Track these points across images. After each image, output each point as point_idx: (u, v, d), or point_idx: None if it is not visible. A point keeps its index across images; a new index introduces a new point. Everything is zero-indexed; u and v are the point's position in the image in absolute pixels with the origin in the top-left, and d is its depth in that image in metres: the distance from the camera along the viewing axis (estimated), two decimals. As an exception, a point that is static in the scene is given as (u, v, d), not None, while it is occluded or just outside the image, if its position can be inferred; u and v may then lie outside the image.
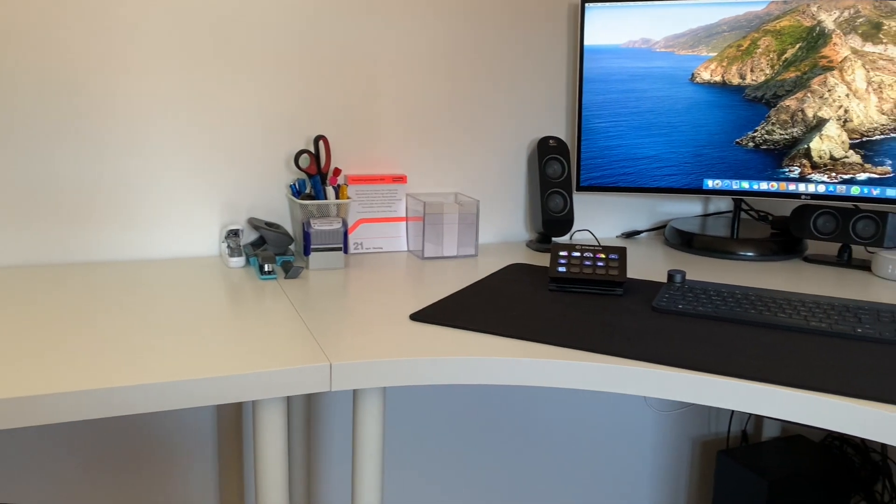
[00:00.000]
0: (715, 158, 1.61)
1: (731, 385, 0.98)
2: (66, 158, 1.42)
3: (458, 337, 1.11)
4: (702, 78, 1.59)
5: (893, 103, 1.46)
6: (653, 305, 1.25)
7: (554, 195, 1.67)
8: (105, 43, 1.40)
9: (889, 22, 1.44)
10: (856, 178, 1.52)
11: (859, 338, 1.12)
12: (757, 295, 1.27)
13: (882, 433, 0.91)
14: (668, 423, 1.97)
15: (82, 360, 0.98)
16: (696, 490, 2.05)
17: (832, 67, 1.49)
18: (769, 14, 1.52)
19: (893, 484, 1.76)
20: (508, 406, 1.82)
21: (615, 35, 1.61)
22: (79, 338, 1.06)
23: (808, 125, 1.53)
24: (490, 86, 1.68)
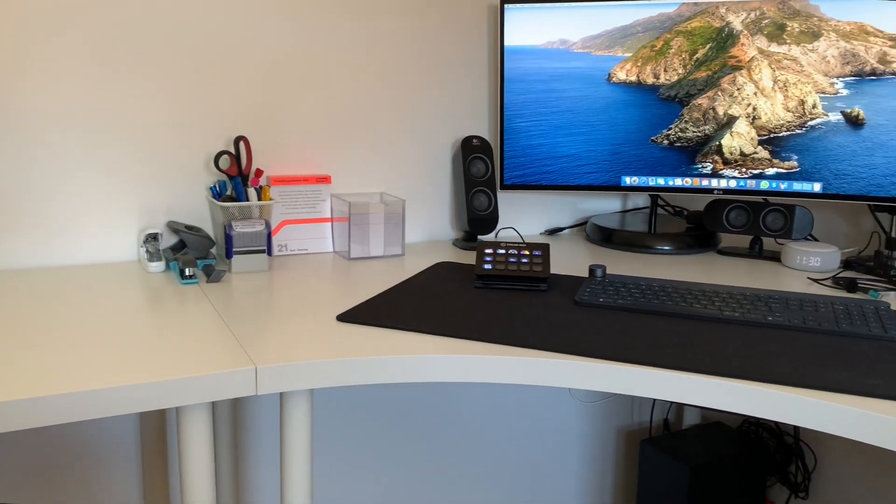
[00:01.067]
0: (632, 156, 1.66)
1: (651, 374, 1.01)
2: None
3: (386, 336, 1.11)
4: (618, 78, 1.64)
5: (798, 101, 1.54)
6: (575, 300, 1.28)
7: (478, 194, 1.69)
8: (6, 45, 1.35)
9: (792, 23, 1.51)
10: (765, 173, 1.59)
11: (770, 325, 1.17)
12: (674, 287, 1.31)
13: (793, 416, 0.95)
14: (592, 413, 2.02)
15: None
16: (621, 478, 2.10)
17: (740, 67, 1.56)
18: (681, 15, 1.58)
19: (805, 465, 1.85)
20: (436, 403, 1.83)
21: (534, 36, 1.64)
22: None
23: (719, 123, 1.59)
24: (414, 85, 1.69)
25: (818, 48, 1.50)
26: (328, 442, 1.74)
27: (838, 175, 1.53)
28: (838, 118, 1.51)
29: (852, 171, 1.52)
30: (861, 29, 1.46)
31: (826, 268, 1.51)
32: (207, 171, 1.53)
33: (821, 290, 1.39)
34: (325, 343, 1.08)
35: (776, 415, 0.96)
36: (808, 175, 1.55)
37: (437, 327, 1.15)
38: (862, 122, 1.50)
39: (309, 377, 1.02)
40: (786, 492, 1.90)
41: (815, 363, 1.02)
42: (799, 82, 1.53)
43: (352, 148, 1.66)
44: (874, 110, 1.48)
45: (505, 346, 1.09)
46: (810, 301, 1.25)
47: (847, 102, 1.50)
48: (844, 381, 0.97)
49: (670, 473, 1.80)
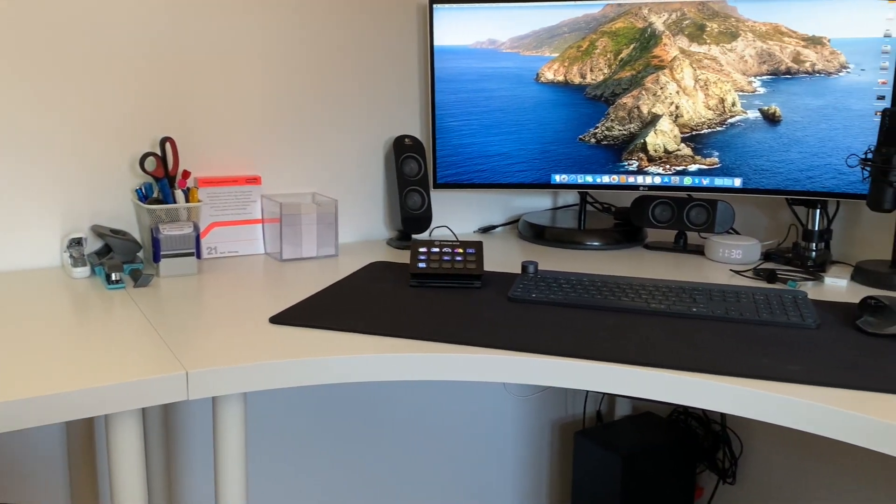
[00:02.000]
0: (561, 154, 1.69)
1: (583, 367, 1.04)
2: None
3: (320, 337, 1.11)
4: (546, 78, 1.66)
5: (718, 99, 1.59)
6: (509, 296, 1.29)
7: (412, 193, 1.69)
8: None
9: (711, 24, 1.56)
10: (688, 170, 1.64)
11: (694, 316, 1.21)
12: (603, 281, 1.35)
13: (719, 403, 0.99)
14: (527, 407, 2.05)
15: None
16: (556, 470, 2.14)
17: (663, 66, 1.60)
18: (605, 16, 1.61)
19: (732, 451, 1.92)
20: (372, 402, 1.83)
21: (463, 36, 1.65)
22: None
23: (644, 121, 1.64)
24: (344, 84, 1.68)
25: (736, 48, 1.56)
26: (263, 444, 1.72)
27: (757, 170, 1.59)
28: (756, 115, 1.57)
29: (770, 166, 1.58)
30: (776, 29, 1.53)
31: (747, 260, 1.57)
32: (133, 173, 1.50)
33: (742, 281, 1.44)
34: (258, 346, 1.07)
35: (703, 403, 0.99)
36: (729, 171, 1.61)
37: (371, 327, 1.15)
38: (778, 119, 1.56)
39: (241, 380, 1.01)
40: (714, 478, 1.97)
41: (738, 352, 1.06)
42: (719, 81, 1.58)
43: (282, 148, 1.64)
44: (790, 108, 1.55)
45: (440, 343, 1.09)
46: (732, 292, 1.29)
47: (764, 100, 1.56)
48: (766, 367, 1.01)
49: (604, 464, 1.84)
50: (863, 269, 1.44)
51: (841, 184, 1.53)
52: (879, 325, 1.14)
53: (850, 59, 1.48)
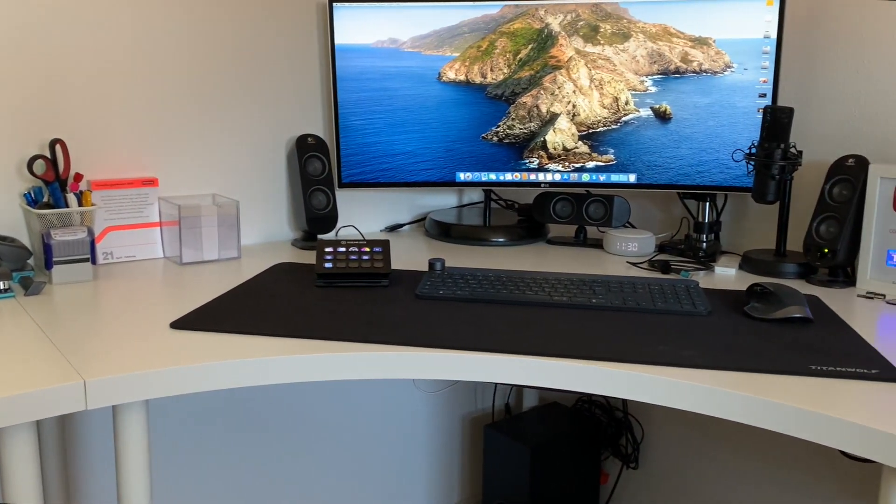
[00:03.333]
0: (465, 153, 1.72)
1: (491, 360, 1.06)
2: None
3: (224, 341, 1.09)
4: (448, 77, 1.68)
5: (612, 98, 1.65)
6: (416, 293, 1.30)
7: (316, 193, 1.68)
8: None
9: (604, 25, 1.62)
10: (586, 167, 1.69)
11: (595, 307, 1.25)
12: (508, 276, 1.37)
13: (620, 390, 1.02)
14: (437, 403, 2.07)
15: None
16: (467, 463, 2.17)
17: (560, 66, 1.65)
18: (503, 17, 1.65)
19: (634, 437, 1.99)
20: (281, 405, 1.81)
21: (364, 35, 1.65)
22: None
23: (543, 120, 1.68)
24: (243, 84, 1.65)
25: (628, 48, 1.62)
26: (169, 452, 1.67)
27: (650, 166, 1.66)
28: (648, 113, 1.64)
29: (662, 162, 1.65)
30: (665, 30, 1.59)
31: (643, 252, 1.64)
32: (21, 177, 1.43)
33: (639, 272, 1.50)
34: (159, 352, 1.04)
35: (604, 390, 1.03)
36: (624, 167, 1.67)
37: (278, 328, 1.13)
38: (669, 117, 1.63)
39: (142, 388, 0.98)
40: (618, 463, 2.04)
41: (637, 340, 1.11)
42: (613, 80, 1.64)
43: (179, 148, 1.60)
44: (679, 105, 1.62)
45: (349, 342, 1.09)
46: (629, 283, 1.35)
47: (656, 99, 1.63)
48: (662, 354, 1.06)
49: (513, 455, 1.88)
50: (750, 258, 1.52)
51: (728, 178, 1.61)
52: (765, 310, 1.21)
53: (734, 59, 1.57)
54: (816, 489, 1.63)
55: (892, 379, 0.97)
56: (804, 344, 1.09)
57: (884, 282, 1.37)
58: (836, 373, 0.99)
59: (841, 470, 1.58)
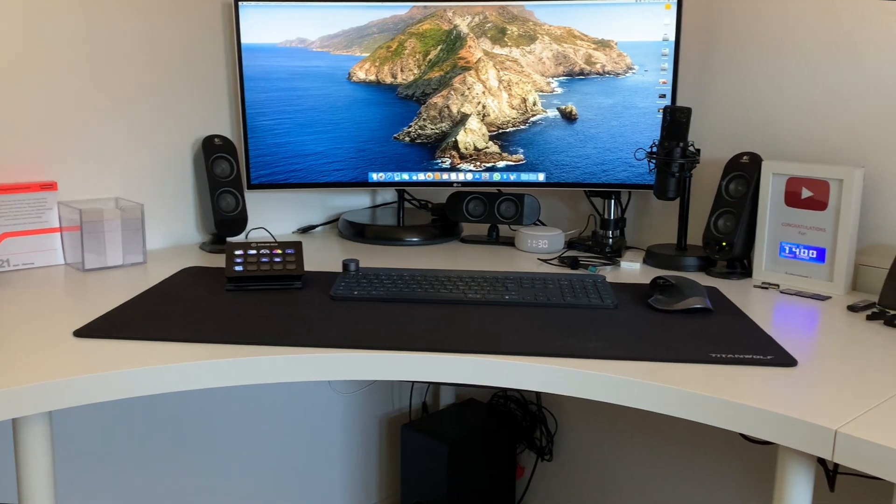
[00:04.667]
0: (377, 153, 1.72)
1: (406, 358, 1.06)
2: None
3: (132, 348, 1.06)
4: (358, 77, 1.68)
5: (520, 99, 1.68)
6: (331, 294, 1.30)
7: (225, 195, 1.65)
8: None
9: (511, 27, 1.65)
10: (496, 166, 1.72)
11: (508, 303, 1.28)
12: (423, 275, 1.38)
13: (533, 382, 1.05)
14: (354, 404, 2.06)
15: None
16: (385, 464, 2.17)
17: (469, 67, 1.67)
18: (412, 18, 1.66)
19: (548, 429, 2.04)
20: (192, 411, 1.76)
21: (271, 34, 1.63)
22: None
23: (454, 120, 1.70)
24: (146, 83, 1.60)
25: (535, 50, 1.65)
26: (76, 464, 1.60)
27: (558, 165, 1.70)
28: (555, 114, 1.68)
29: (569, 161, 1.69)
30: (569, 33, 1.64)
31: (553, 249, 1.68)
32: None
33: (549, 269, 1.54)
34: (62, 361, 1.00)
35: (517, 383, 1.05)
36: (534, 166, 1.71)
37: (186, 334, 1.11)
38: (575, 118, 1.67)
39: (45, 399, 0.94)
40: (533, 456, 2.08)
41: (548, 333, 1.14)
42: (521, 82, 1.67)
43: (79, 151, 1.54)
44: (584, 106, 1.67)
45: (262, 346, 1.08)
46: (540, 279, 1.38)
47: (562, 99, 1.67)
48: (571, 346, 1.09)
49: (430, 453, 1.89)
50: (653, 253, 1.58)
51: (631, 176, 1.67)
52: (668, 302, 1.26)
53: (636, 61, 1.62)
54: (721, 471, 1.70)
55: (786, 364, 1.03)
56: (705, 333, 1.14)
57: (777, 272, 1.45)
58: (735, 359, 1.04)
59: (743, 452, 1.66)
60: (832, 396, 0.93)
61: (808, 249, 1.41)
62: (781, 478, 0.94)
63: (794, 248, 1.43)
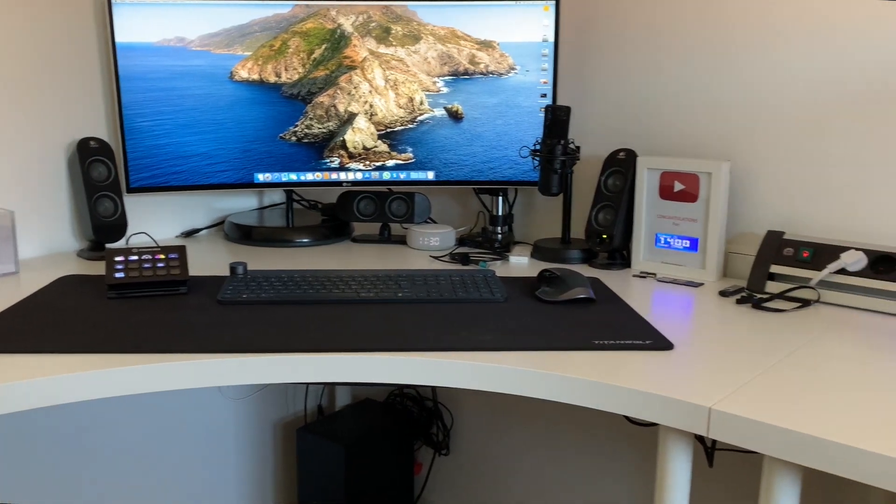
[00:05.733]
0: (263, 153, 1.69)
1: (300, 360, 1.06)
2: None
3: (8, 362, 1.00)
4: (240, 76, 1.65)
5: (407, 98, 1.69)
6: (218, 299, 1.27)
7: (102, 199, 1.58)
8: None
9: (396, 27, 1.66)
10: (386, 165, 1.73)
11: (401, 301, 1.29)
12: (314, 276, 1.38)
13: (428, 378, 1.06)
14: (246, 409, 2.02)
15: None
16: (281, 469, 2.14)
17: (355, 66, 1.67)
18: (295, 16, 1.64)
19: (445, 424, 2.06)
20: (80, 425, 1.68)
21: (148, 33, 1.58)
22: None
23: (341, 119, 1.70)
24: (15, 83, 1.52)
25: (420, 50, 1.67)
26: (-58, 497, 1.50)
27: (447, 164, 1.72)
28: (442, 113, 1.70)
29: (458, 159, 1.72)
30: (453, 33, 1.67)
31: (444, 246, 1.70)
32: None
33: (441, 265, 1.56)
34: (-73, 380, 0.94)
35: (413, 379, 1.07)
36: (423, 165, 1.73)
37: (65, 345, 1.06)
38: (461, 117, 1.70)
39: None
40: (431, 452, 2.10)
41: (441, 328, 1.16)
42: (407, 81, 1.69)
43: (-61, 156, 1.44)
44: (470, 105, 1.70)
45: (147, 353, 1.04)
46: (432, 276, 1.40)
47: (448, 99, 1.70)
48: (465, 340, 1.11)
49: (327, 455, 1.88)
50: (540, 247, 1.63)
51: (517, 173, 1.72)
52: (554, 293, 1.31)
53: (517, 61, 1.67)
54: (608, 453, 1.78)
55: (663, 348, 1.09)
56: (588, 322, 1.19)
57: (654, 262, 1.53)
58: (617, 345, 1.09)
59: (629, 433, 1.74)
60: (706, 376, 0.99)
61: (682, 239, 1.49)
62: (663, 456, 0.99)
63: (668, 239, 1.51)
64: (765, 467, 0.91)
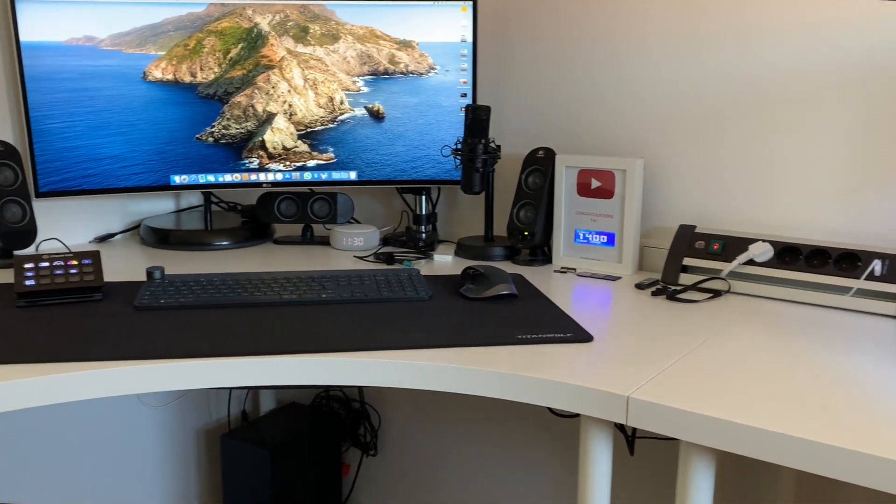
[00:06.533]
0: (179, 154, 1.65)
1: (222, 364, 1.04)
2: None
3: None
4: (154, 76, 1.61)
5: (327, 98, 1.69)
6: (135, 304, 1.24)
7: (9, 204, 1.51)
8: None
9: (314, 26, 1.65)
10: (307, 165, 1.71)
11: (325, 302, 1.28)
12: (234, 279, 1.35)
13: (355, 378, 1.06)
14: (167, 417, 1.97)
15: None
16: (206, 478, 2.09)
17: (273, 66, 1.65)
18: (210, 15, 1.61)
19: (372, 425, 2.06)
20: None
21: (55, 32, 1.52)
22: None
23: (260, 119, 1.67)
24: None
25: (339, 49, 1.66)
26: None
27: (369, 163, 1.72)
28: (363, 113, 1.70)
29: (380, 159, 1.72)
30: (372, 33, 1.66)
31: (368, 246, 1.70)
32: None
33: (365, 265, 1.56)
34: None
35: (339, 380, 1.06)
36: (345, 165, 1.72)
37: (-27, 356, 1.01)
38: (382, 116, 1.70)
39: None
40: (359, 453, 2.10)
41: (367, 328, 1.16)
42: (326, 80, 1.68)
43: None
44: (391, 105, 1.70)
45: (62, 363, 1.01)
46: (357, 276, 1.39)
47: (369, 98, 1.69)
48: (391, 339, 1.11)
49: (252, 461, 1.85)
50: (464, 245, 1.65)
51: (440, 172, 1.73)
52: (478, 290, 1.32)
53: (437, 61, 1.68)
54: (533, 445, 1.81)
55: (584, 340, 1.12)
56: (512, 317, 1.21)
57: (574, 257, 1.57)
58: (539, 339, 1.11)
59: (552, 425, 1.78)
60: (624, 366, 1.02)
61: (600, 235, 1.53)
62: (585, 445, 1.02)
63: (587, 235, 1.55)
64: (681, 452, 0.94)
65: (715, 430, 0.88)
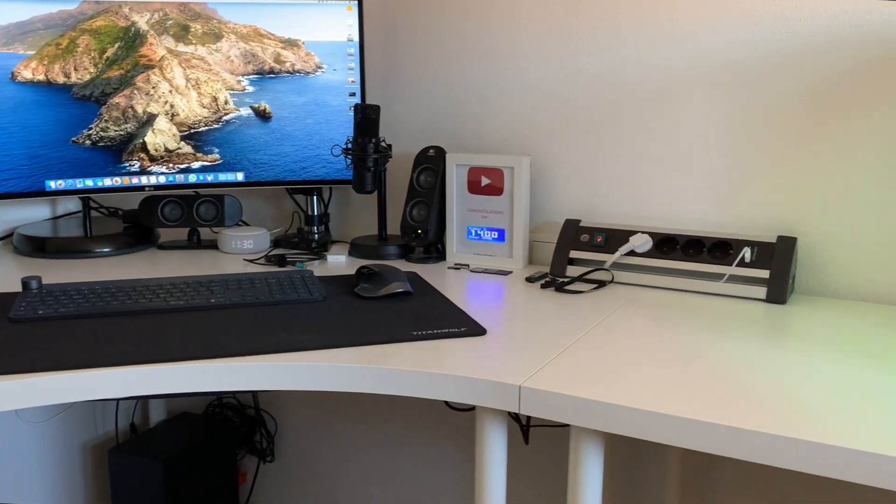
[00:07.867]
0: (54, 159, 1.57)
1: (103, 375, 1.00)
2: None
3: None
4: (24, 77, 1.52)
5: (211, 98, 1.64)
6: (10, 316, 1.17)
7: None
8: None
9: (195, 25, 1.60)
10: (192, 167, 1.67)
11: (214, 307, 1.25)
12: (117, 287, 1.30)
13: (247, 382, 1.04)
14: (49, 433, 1.87)
15: None
16: (94, 494, 2.00)
17: (153, 66, 1.60)
18: (83, 13, 1.54)
19: (268, 431, 2.02)
20: None
21: None
22: None
23: (140, 121, 1.61)
24: None
25: (222, 48, 1.63)
26: None
27: (257, 164, 1.69)
28: (249, 112, 1.67)
29: (268, 159, 1.69)
30: (256, 32, 1.64)
31: (258, 248, 1.67)
32: None
33: (256, 268, 1.53)
34: None
35: (232, 385, 1.04)
36: (231, 166, 1.68)
37: None
38: (269, 116, 1.68)
39: None
40: (255, 460, 2.06)
41: (259, 332, 1.14)
42: (209, 80, 1.63)
43: None
44: (278, 104, 1.68)
45: (-74, 382, 0.95)
46: (247, 279, 1.37)
47: (254, 98, 1.66)
48: (285, 341, 1.10)
49: (144, 474, 1.78)
50: (357, 245, 1.64)
51: (330, 171, 1.72)
52: (372, 289, 1.32)
53: (324, 60, 1.67)
54: (432, 440, 1.83)
55: (477, 333, 1.14)
56: (407, 314, 1.22)
57: (467, 254, 1.59)
58: (434, 335, 1.13)
59: (451, 419, 1.80)
60: (517, 357, 1.05)
61: (491, 231, 1.56)
62: (480, 436, 1.04)
63: (479, 231, 1.58)
64: (572, 437, 0.98)
65: (602, 414, 0.92)
